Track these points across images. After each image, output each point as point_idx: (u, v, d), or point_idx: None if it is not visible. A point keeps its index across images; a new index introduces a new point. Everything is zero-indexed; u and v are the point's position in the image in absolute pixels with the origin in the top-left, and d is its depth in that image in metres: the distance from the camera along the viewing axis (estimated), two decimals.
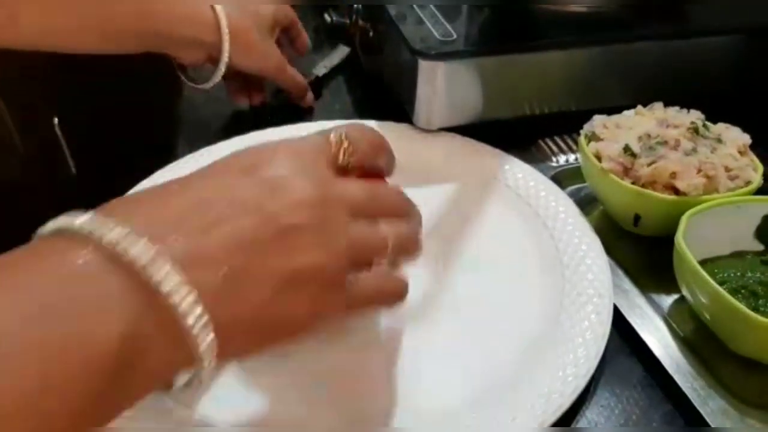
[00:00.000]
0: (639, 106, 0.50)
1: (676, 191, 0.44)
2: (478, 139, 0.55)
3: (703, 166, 0.44)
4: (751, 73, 0.59)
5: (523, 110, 0.57)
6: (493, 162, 0.53)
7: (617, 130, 0.48)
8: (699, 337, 0.41)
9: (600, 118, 0.49)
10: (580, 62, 0.57)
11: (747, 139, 0.47)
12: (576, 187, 0.53)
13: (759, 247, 0.44)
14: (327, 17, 0.70)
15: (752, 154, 0.47)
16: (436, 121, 0.55)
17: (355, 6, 0.66)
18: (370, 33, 0.64)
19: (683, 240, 0.40)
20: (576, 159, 0.55)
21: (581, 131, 0.49)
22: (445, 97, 0.54)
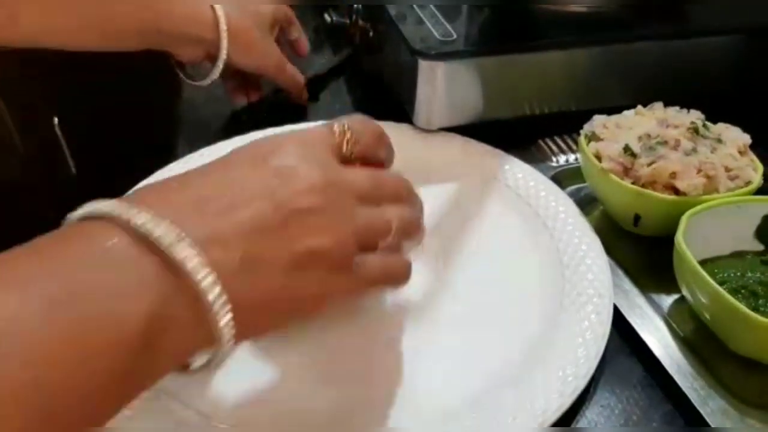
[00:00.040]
0: (639, 106, 0.50)
1: (676, 191, 0.44)
2: (478, 139, 0.55)
3: (703, 166, 0.44)
4: (751, 73, 0.59)
5: (523, 110, 0.57)
6: (493, 162, 0.53)
7: (617, 130, 0.48)
8: (699, 337, 0.41)
9: (600, 118, 0.49)
10: (580, 62, 0.57)
11: (747, 139, 0.47)
12: (576, 187, 0.53)
13: (759, 247, 0.44)
14: (327, 17, 0.70)
15: (752, 154, 0.47)
16: (436, 121, 0.55)
17: (355, 6, 0.66)
18: (370, 33, 0.64)
19: (683, 240, 0.40)
20: (576, 159, 0.55)
21: (581, 131, 0.49)
22: (445, 97, 0.54)
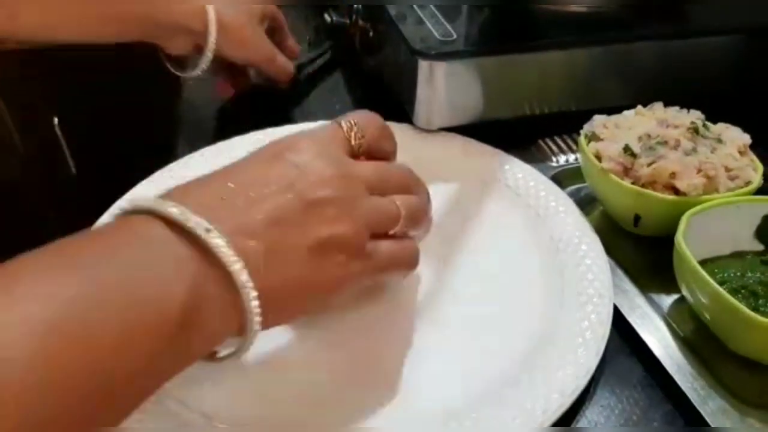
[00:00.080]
0: (639, 106, 0.50)
1: (676, 191, 0.44)
2: (478, 139, 0.55)
3: (703, 166, 0.44)
4: (751, 73, 0.59)
5: (523, 110, 0.57)
6: (493, 162, 0.53)
7: (617, 130, 0.48)
8: (699, 337, 0.41)
9: (600, 118, 0.49)
10: (580, 62, 0.57)
11: (747, 139, 0.47)
12: (576, 187, 0.53)
13: (759, 247, 0.44)
14: (327, 17, 0.71)
15: (752, 154, 0.47)
16: (436, 121, 0.55)
17: (355, 6, 0.66)
18: (370, 33, 0.64)
19: (683, 240, 0.40)
20: (576, 159, 0.55)
21: (581, 131, 0.49)
22: (445, 97, 0.54)
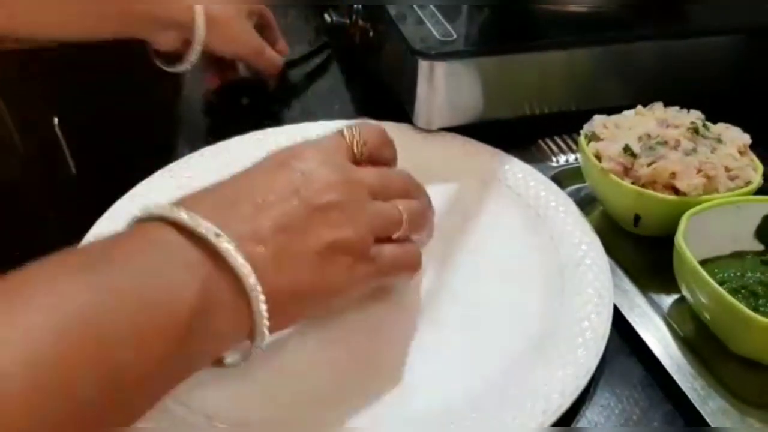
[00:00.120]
0: (639, 106, 0.50)
1: (676, 191, 0.44)
2: (478, 139, 0.55)
3: (703, 166, 0.44)
4: (751, 73, 0.59)
5: (523, 110, 0.57)
6: (493, 162, 0.53)
7: (617, 130, 0.48)
8: (699, 337, 0.41)
9: (600, 118, 0.49)
10: (580, 62, 0.57)
11: (747, 139, 0.47)
12: (576, 187, 0.53)
13: (759, 247, 0.44)
14: (327, 17, 0.70)
15: (752, 154, 0.47)
16: (436, 121, 0.55)
17: (355, 6, 0.66)
18: (370, 33, 0.64)
19: (683, 240, 0.40)
20: (576, 159, 0.55)
21: (581, 131, 0.49)
22: (445, 97, 0.54)
